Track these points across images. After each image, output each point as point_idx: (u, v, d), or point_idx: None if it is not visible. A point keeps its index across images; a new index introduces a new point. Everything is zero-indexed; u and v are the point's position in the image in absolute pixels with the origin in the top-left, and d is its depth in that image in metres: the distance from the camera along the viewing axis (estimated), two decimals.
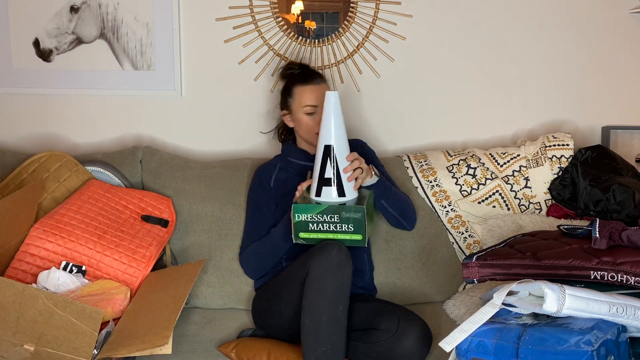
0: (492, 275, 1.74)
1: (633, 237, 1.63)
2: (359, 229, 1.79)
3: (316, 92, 2.08)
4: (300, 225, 1.82)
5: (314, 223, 1.81)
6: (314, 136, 2.09)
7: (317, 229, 1.81)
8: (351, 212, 1.79)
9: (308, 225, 1.81)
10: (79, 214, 2.04)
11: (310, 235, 1.82)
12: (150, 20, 2.46)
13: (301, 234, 1.83)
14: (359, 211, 1.79)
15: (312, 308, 1.72)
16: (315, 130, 2.07)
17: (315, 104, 2.07)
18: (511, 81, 2.54)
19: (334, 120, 1.87)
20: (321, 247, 1.76)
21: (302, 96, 2.09)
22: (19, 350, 1.55)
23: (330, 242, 1.76)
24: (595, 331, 1.38)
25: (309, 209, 1.80)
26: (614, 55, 2.54)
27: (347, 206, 1.81)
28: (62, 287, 1.87)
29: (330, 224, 1.80)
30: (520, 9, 2.50)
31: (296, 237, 1.83)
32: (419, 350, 1.74)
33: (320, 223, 1.80)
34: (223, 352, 1.85)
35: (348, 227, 1.79)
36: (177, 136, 2.55)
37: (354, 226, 1.79)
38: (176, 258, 2.23)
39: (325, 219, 1.80)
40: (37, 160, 2.21)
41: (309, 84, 2.09)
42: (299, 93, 2.10)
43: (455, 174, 2.30)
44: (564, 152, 2.30)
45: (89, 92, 2.51)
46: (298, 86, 2.10)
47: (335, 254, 1.73)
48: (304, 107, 2.08)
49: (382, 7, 2.46)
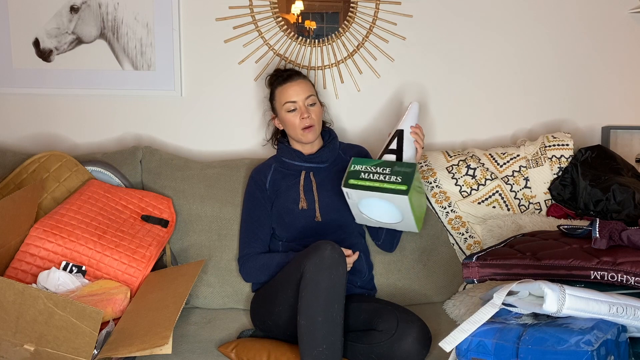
0: (492, 275, 1.74)
1: (633, 237, 1.63)
2: (406, 180, 1.88)
3: (294, 87, 2.10)
4: (352, 174, 1.92)
5: (366, 173, 1.92)
6: (300, 133, 2.10)
7: (367, 177, 1.91)
8: (403, 167, 1.92)
9: (359, 174, 1.92)
10: (79, 214, 2.04)
11: (358, 182, 1.91)
12: (150, 20, 2.46)
13: (351, 181, 1.91)
14: (410, 166, 1.91)
15: (307, 308, 1.72)
16: (300, 126, 2.09)
17: (294, 99, 2.09)
18: (511, 81, 2.54)
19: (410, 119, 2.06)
20: (315, 247, 1.76)
21: (281, 95, 2.12)
22: (19, 350, 1.55)
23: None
24: (595, 331, 1.38)
25: (366, 162, 1.94)
26: (614, 55, 2.54)
27: (401, 162, 1.95)
28: (62, 287, 1.87)
29: (380, 174, 1.90)
30: (520, 9, 2.50)
31: (345, 184, 1.91)
32: (418, 351, 1.74)
33: (372, 173, 1.91)
34: (223, 352, 1.85)
35: (397, 178, 1.89)
36: (177, 136, 2.55)
37: (402, 178, 1.89)
38: (176, 258, 2.23)
39: (378, 170, 1.91)
40: (37, 160, 2.21)
41: (287, 82, 2.12)
42: (279, 93, 2.13)
43: (455, 174, 2.30)
44: (563, 152, 2.30)
45: (89, 92, 2.51)
46: (278, 87, 2.14)
47: (328, 254, 1.73)
48: (285, 105, 2.11)
49: (382, 7, 2.46)
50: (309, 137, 2.11)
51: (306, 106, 2.10)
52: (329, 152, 2.16)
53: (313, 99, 2.12)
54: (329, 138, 2.20)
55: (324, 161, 2.15)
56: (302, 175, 2.13)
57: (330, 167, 2.16)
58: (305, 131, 2.09)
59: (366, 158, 2.02)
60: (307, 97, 2.10)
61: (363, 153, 2.23)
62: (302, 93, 2.10)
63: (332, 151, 2.17)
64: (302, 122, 2.09)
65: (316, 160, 2.15)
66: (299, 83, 2.12)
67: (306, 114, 2.08)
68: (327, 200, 2.09)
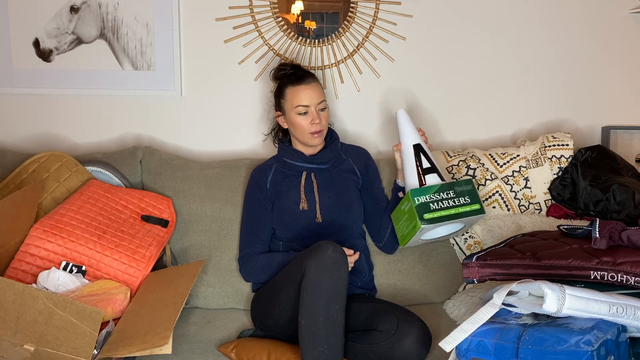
0: (492, 275, 1.74)
1: (633, 237, 1.63)
2: (474, 198, 1.95)
3: (308, 91, 2.08)
4: (422, 208, 1.91)
5: (434, 202, 1.92)
6: (307, 137, 2.09)
7: (439, 207, 1.92)
8: (462, 186, 1.95)
9: (429, 206, 1.91)
10: (79, 214, 2.03)
11: (434, 215, 1.91)
12: (150, 20, 2.46)
13: (426, 215, 1.90)
14: (468, 183, 1.96)
15: (308, 308, 1.72)
16: (309, 130, 2.08)
17: (307, 104, 2.07)
18: (511, 81, 2.54)
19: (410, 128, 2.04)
20: (317, 247, 1.76)
21: (294, 97, 2.08)
22: (19, 350, 1.55)
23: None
24: (595, 331, 1.38)
25: (426, 191, 1.93)
26: (614, 55, 2.54)
27: (456, 181, 1.97)
28: (62, 287, 1.87)
29: (448, 200, 1.92)
30: (520, 9, 2.50)
31: (421, 220, 1.89)
32: (418, 351, 1.74)
33: (439, 201, 1.92)
34: (223, 352, 1.85)
35: (465, 199, 1.93)
36: (177, 136, 2.55)
37: (469, 197, 1.94)
38: (176, 258, 2.23)
39: (443, 196, 1.92)
40: (37, 160, 2.21)
41: (300, 84, 2.08)
42: (291, 94, 2.09)
43: (455, 174, 2.30)
44: (563, 152, 2.31)
45: (89, 92, 2.51)
46: (290, 87, 2.10)
47: (330, 254, 1.73)
48: (296, 108, 2.08)
49: (382, 7, 2.46)
50: (317, 142, 2.10)
51: (318, 111, 2.08)
52: (330, 153, 2.16)
53: (324, 104, 2.10)
54: (330, 139, 2.20)
55: (325, 162, 2.15)
56: (303, 176, 2.12)
57: (332, 168, 2.16)
58: (314, 135, 2.08)
59: (420, 188, 1.95)
60: (320, 102, 2.09)
61: (364, 155, 2.23)
62: (316, 98, 2.08)
63: (334, 152, 2.17)
64: (312, 126, 2.07)
65: (318, 161, 2.14)
66: (313, 87, 2.09)
67: (317, 120, 2.07)
68: (328, 201, 2.09)
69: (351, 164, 2.19)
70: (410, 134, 2.04)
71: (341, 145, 2.23)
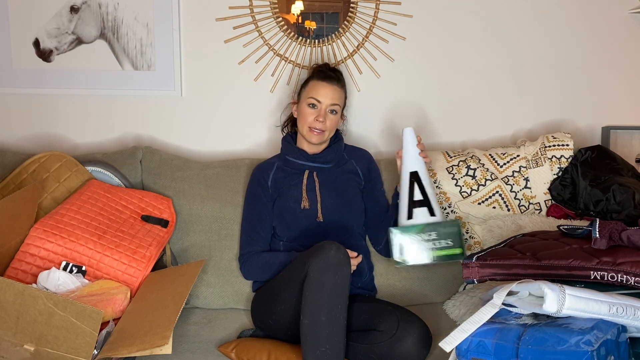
0: (492, 275, 1.74)
1: (633, 237, 1.63)
2: (457, 242, 1.89)
3: (326, 90, 2.11)
4: (398, 249, 1.90)
5: (412, 243, 1.90)
6: (307, 130, 2.11)
7: (416, 249, 1.90)
8: (447, 227, 1.90)
9: (404, 249, 1.91)
10: (79, 214, 2.03)
11: (408, 259, 1.91)
12: (150, 20, 2.46)
13: (400, 257, 1.91)
14: (454, 225, 1.89)
15: (311, 308, 1.72)
16: (310, 124, 2.10)
17: (320, 99, 2.10)
18: (511, 81, 2.55)
19: (413, 151, 1.98)
20: (320, 247, 1.76)
21: (312, 89, 2.13)
22: (19, 351, 1.55)
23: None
24: (595, 331, 1.38)
25: (407, 230, 1.90)
26: (614, 55, 2.54)
27: (442, 221, 1.92)
28: (62, 287, 1.87)
29: (428, 241, 1.89)
30: (520, 9, 2.50)
31: (395, 261, 1.91)
32: (419, 351, 1.74)
33: (420, 242, 1.90)
34: (223, 352, 1.85)
35: (447, 242, 1.89)
36: (177, 136, 2.55)
37: (452, 240, 1.89)
38: (176, 258, 2.23)
39: (424, 237, 1.89)
40: (37, 160, 2.21)
41: (324, 81, 2.13)
42: (311, 86, 2.14)
43: (455, 175, 2.30)
44: (563, 152, 2.31)
45: (89, 92, 2.51)
46: (314, 80, 2.15)
47: (333, 254, 1.73)
48: (309, 98, 2.11)
49: (382, 7, 2.46)
50: (314, 139, 2.11)
51: (326, 111, 2.10)
52: (333, 153, 2.16)
53: (337, 108, 2.12)
54: (335, 139, 2.20)
55: (328, 161, 2.16)
56: (306, 174, 2.12)
57: (334, 167, 2.16)
58: (313, 131, 2.10)
59: (402, 226, 1.92)
60: (332, 104, 2.11)
61: (367, 157, 2.23)
62: (330, 98, 2.10)
63: (337, 152, 2.18)
64: (314, 122, 2.09)
65: (320, 160, 2.15)
66: (333, 89, 2.12)
67: (321, 118, 2.09)
68: (330, 201, 2.09)
69: (354, 165, 2.19)
70: (410, 158, 1.99)
71: (345, 146, 2.23)
